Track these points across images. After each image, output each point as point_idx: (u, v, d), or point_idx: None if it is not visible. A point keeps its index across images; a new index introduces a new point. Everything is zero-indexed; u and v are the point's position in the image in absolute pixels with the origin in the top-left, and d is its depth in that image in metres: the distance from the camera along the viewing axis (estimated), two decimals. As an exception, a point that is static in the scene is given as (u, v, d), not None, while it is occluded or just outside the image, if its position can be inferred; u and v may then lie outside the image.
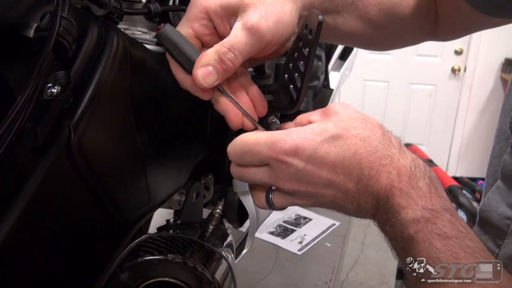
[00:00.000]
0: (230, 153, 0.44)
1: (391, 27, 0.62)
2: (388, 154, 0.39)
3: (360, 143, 0.39)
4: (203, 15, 0.45)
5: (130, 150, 0.46)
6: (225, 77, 0.44)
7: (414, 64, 3.58)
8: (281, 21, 0.44)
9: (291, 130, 0.41)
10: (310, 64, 0.44)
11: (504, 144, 0.43)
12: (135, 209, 0.49)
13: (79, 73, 0.37)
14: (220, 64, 0.43)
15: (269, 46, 0.45)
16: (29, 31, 0.34)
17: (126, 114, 0.44)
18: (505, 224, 0.41)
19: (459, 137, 3.69)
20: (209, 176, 0.74)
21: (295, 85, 0.47)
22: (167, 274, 0.41)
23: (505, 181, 0.42)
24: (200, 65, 0.43)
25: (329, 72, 1.15)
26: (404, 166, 0.39)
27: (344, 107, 0.43)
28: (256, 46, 0.44)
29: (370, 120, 0.42)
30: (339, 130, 0.40)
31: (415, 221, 0.36)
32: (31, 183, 0.34)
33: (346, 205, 0.41)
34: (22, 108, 0.32)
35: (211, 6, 0.44)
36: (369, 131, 0.40)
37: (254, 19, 0.43)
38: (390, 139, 0.41)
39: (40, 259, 0.38)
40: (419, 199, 0.37)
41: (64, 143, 0.36)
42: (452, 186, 1.43)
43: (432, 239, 0.35)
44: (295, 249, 1.43)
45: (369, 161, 0.39)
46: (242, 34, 0.43)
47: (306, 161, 0.40)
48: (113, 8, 0.45)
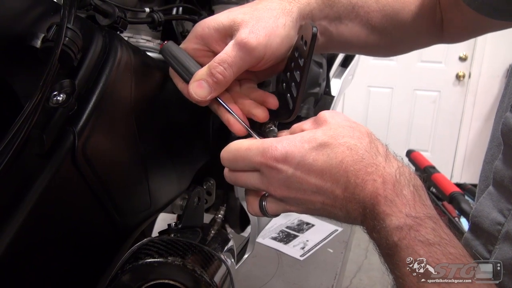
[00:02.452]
0: (223, 158, 0.46)
1: (395, 33, 0.63)
2: (374, 162, 0.40)
3: (347, 151, 0.40)
4: (197, 40, 0.49)
5: (132, 156, 0.48)
6: (218, 89, 0.47)
7: (418, 70, 3.58)
8: (274, 34, 0.46)
9: (282, 138, 0.42)
10: (305, 75, 0.45)
11: (496, 150, 0.44)
12: (137, 213, 0.50)
13: (83, 81, 0.38)
14: (211, 77, 0.46)
15: (265, 58, 0.47)
16: (36, 41, 0.36)
17: (129, 121, 0.46)
18: (496, 229, 0.42)
19: (464, 144, 3.68)
20: (211, 182, 0.75)
21: (292, 95, 0.48)
22: (166, 276, 0.42)
23: (496, 187, 0.43)
24: (193, 80, 0.47)
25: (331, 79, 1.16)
26: (390, 174, 0.39)
27: (334, 115, 0.44)
28: (248, 59, 0.46)
29: (359, 128, 0.42)
30: (327, 139, 0.41)
31: (399, 228, 0.37)
32: (36, 187, 0.35)
33: (335, 212, 0.42)
34: (29, 115, 0.33)
35: (205, 31, 0.48)
36: (357, 140, 0.41)
37: (244, 34, 0.45)
38: (376, 148, 0.41)
39: (45, 261, 0.39)
40: (403, 207, 0.38)
41: (68, 149, 0.37)
42: (455, 192, 1.43)
43: (415, 246, 0.36)
44: (298, 255, 1.44)
45: (355, 169, 0.40)
46: (232, 49, 0.45)
47: (295, 168, 0.41)
48: (118, 18, 0.46)
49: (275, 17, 0.47)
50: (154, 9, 0.56)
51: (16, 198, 0.34)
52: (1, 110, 0.39)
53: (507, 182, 0.41)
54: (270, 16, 0.47)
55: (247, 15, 0.47)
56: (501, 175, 0.42)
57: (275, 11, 0.47)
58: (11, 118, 0.33)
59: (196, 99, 0.47)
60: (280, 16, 0.47)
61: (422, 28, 0.65)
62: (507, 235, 0.41)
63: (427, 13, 0.64)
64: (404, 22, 0.62)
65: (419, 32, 0.66)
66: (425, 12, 0.63)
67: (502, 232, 0.41)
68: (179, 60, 0.49)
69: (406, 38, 0.66)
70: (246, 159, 0.43)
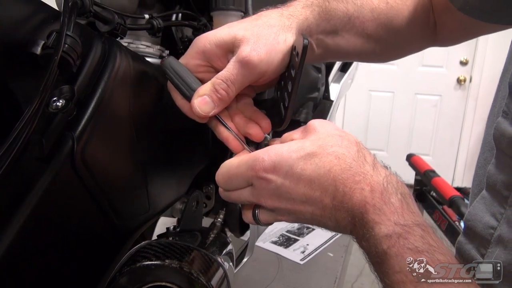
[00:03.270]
0: (218, 180, 0.47)
1: (390, 39, 0.63)
2: (362, 171, 0.40)
3: (335, 160, 0.40)
4: (198, 55, 0.49)
5: (131, 160, 0.48)
6: (221, 105, 0.48)
7: (419, 74, 3.59)
8: (274, 50, 0.47)
9: (270, 148, 0.43)
10: (296, 85, 0.46)
11: (489, 154, 0.44)
12: (136, 216, 0.51)
13: (82, 87, 0.39)
14: (215, 93, 0.47)
15: (266, 74, 0.48)
16: (36, 48, 0.37)
17: (127, 126, 0.46)
18: (488, 233, 0.42)
19: (465, 148, 3.68)
20: (210, 186, 0.76)
21: (284, 104, 0.49)
22: (163, 279, 0.43)
23: (489, 191, 0.43)
24: (197, 95, 0.47)
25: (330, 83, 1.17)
26: (377, 182, 0.40)
27: (323, 124, 0.44)
28: (250, 76, 0.47)
29: (347, 137, 0.43)
30: (315, 148, 0.41)
31: (388, 236, 0.37)
32: (36, 190, 0.36)
33: (325, 221, 0.42)
34: (29, 120, 0.34)
35: (206, 47, 0.48)
36: (345, 149, 0.41)
37: (246, 52, 0.46)
38: (364, 156, 0.42)
39: (44, 263, 0.40)
40: (392, 215, 0.38)
41: (67, 154, 0.38)
42: (454, 196, 1.43)
43: (404, 253, 0.36)
44: (298, 259, 1.44)
45: (343, 178, 0.40)
46: (235, 66, 0.46)
47: (283, 177, 0.41)
48: (117, 25, 0.47)
49: (275, 34, 0.48)
50: (154, 16, 0.57)
51: (16, 200, 0.35)
52: (2, 115, 0.40)
53: (500, 186, 0.41)
54: (270, 33, 0.47)
55: (248, 31, 0.47)
56: (493, 179, 0.43)
57: (275, 27, 0.48)
58: (12, 123, 0.34)
59: (200, 114, 0.47)
60: (280, 33, 0.48)
61: (416, 33, 0.66)
62: (499, 238, 0.41)
63: (421, 18, 0.65)
64: (398, 28, 0.63)
65: (413, 37, 0.67)
66: (419, 17, 0.64)
67: (495, 235, 0.41)
68: (180, 76, 0.49)
69: (401, 43, 0.67)
70: (238, 175, 0.44)
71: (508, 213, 0.40)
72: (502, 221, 0.41)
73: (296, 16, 0.51)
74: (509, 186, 0.40)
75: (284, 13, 0.51)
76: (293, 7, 0.53)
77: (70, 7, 0.39)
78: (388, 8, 0.62)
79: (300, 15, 0.52)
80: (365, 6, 0.60)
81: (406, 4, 0.63)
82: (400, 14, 0.63)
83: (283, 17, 0.50)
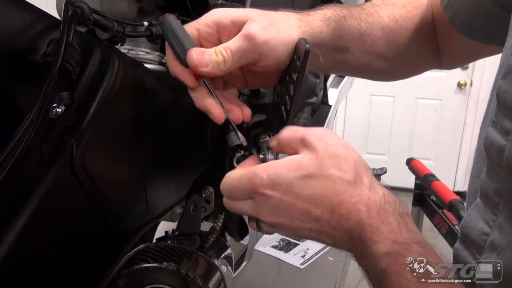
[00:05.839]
0: (221, 191, 0.47)
1: (395, 58, 0.64)
2: (358, 193, 0.41)
3: (332, 184, 0.41)
4: (213, 25, 0.49)
5: (130, 165, 0.49)
6: (216, 68, 0.47)
7: (420, 78, 3.54)
8: (283, 41, 0.48)
9: (268, 165, 0.43)
10: (298, 89, 0.46)
11: (482, 164, 0.45)
12: (135, 219, 0.51)
13: (82, 93, 0.40)
14: (216, 53, 0.46)
15: (266, 60, 0.48)
16: (36, 56, 0.38)
17: (126, 131, 0.47)
18: (482, 239, 0.43)
19: (467, 152, 3.67)
20: (209, 190, 0.77)
21: (286, 107, 0.50)
22: (161, 281, 0.44)
23: (482, 199, 0.44)
24: (197, 50, 0.47)
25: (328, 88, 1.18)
26: (374, 202, 0.40)
27: (322, 138, 0.43)
28: (250, 54, 0.47)
29: (346, 157, 0.42)
30: (313, 169, 0.41)
31: (386, 254, 0.38)
32: (36, 194, 0.36)
33: (323, 239, 0.43)
34: (29, 126, 0.35)
35: (222, 20, 0.48)
36: (342, 172, 0.41)
37: (253, 29, 0.46)
38: (361, 179, 0.42)
39: (44, 265, 0.40)
40: (389, 234, 0.39)
41: (67, 158, 0.38)
42: (454, 200, 1.43)
43: (403, 271, 0.37)
44: (298, 263, 1.44)
45: (339, 201, 0.40)
46: (239, 39, 0.47)
47: (282, 194, 0.41)
48: (117, 32, 0.48)
49: (289, 29, 0.49)
50: (153, 23, 0.58)
51: (17, 203, 0.36)
52: (4, 120, 0.41)
53: (491, 194, 0.42)
54: (285, 26, 0.48)
55: (264, 16, 0.48)
56: (485, 187, 0.43)
57: (290, 24, 0.49)
58: (13, 128, 0.35)
59: (194, 62, 0.46)
60: (294, 30, 0.49)
61: (421, 53, 0.67)
62: (492, 244, 0.42)
63: (425, 39, 0.66)
64: (404, 48, 0.64)
65: (417, 57, 0.68)
66: (423, 38, 0.65)
67: (488, 242, 0.42)
68: (178, 36, 0.48)
69: (406, 63, 0.68)
70: (239, 188, 0.44)
71: (499, 220, 0.41)
72: (495, 227, 0.42)
73: (312, 26, 0.52)
74: (499, 193, 0.41)
75: (303, 19, 0.52)
76: (311, 17, 0.54)
77: (70, 16, 0.40)
78: (397, 27, 0.63)
79: (317, 27, 0.53)
80: (376, 24, 0.61)
81: (413, 23, 0.64)
82: (407, 33, 0.64)
83: (301, 22, 0.51)
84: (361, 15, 0.60)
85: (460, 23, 0.60)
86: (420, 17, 0.65)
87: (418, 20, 0.65)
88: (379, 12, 0.62)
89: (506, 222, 0.40)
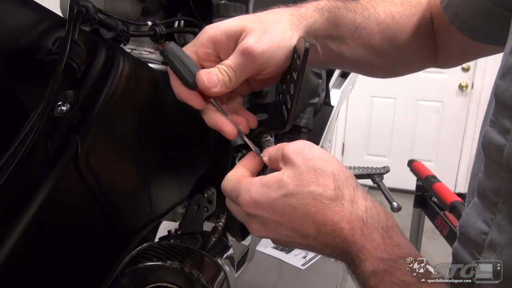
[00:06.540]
0: (223, 191, 0.48)
1: (393, 55, 0.65)
2: (340, 210, 0.40)
3: (312, 202, 0.40)
4: (209, 44, 0.49)
5: (133, 164, 0.49)
6: (223, 87, 0.47)
7: (421, 80, 3.59)
8: (278, 46, 0.48)
9: (250, 185, 0.43)
10: (298, 88, 0.47)
11: (482, 163, 0.45)
12: (137, 218, 0.52)
13: (87, 92, 0.40)
14: (222, 73, 0.47)
15: (268, 67, 0.49)
16: (41, 54, 0.38)
17: (130, 130, 0.47)
18: (481, 239, 0.43)
19: (468, 153, 3.67)
20: (212, 190, 0.77)
21: (287, 106, 0.50)
22: (164, 279, 0.44)
23: (480, 198, 0.44)
24: (205, 71, 0.47)
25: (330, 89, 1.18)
26: (357, 218, 0.40)
27: (299, 153, 0.43)
28: (250, 67, 0.48)
29: (324, 170, 0.42)
30: (292, 187, 0.41)
31: (374, 273, 0.38)
32: (41, 192, 0.37)
33: (316, 252, 0.43)
34: (34, 124, 0.35)
35: (217, 36, 0.48)
36: (321, 188, 0.41)
37: (249, 43, 0.47)
38: (342, 192, 0.41)
39: (48, 263, 0.41)
40: (374, 251, 0.38)
41: (71, 156, 0.39)
42: (455, 202, 1.43)
43: None
44: (299, 264, 1.44)
45: (321, 220, 0.40)
46: (237, 56, 0.47)
47: (267, 213, 0.42)
48: (121, 31, 0.48)
49: (282, 30, 0.49)
50: (156, 23, 0.58)
51: (21, 201, 0.36)
52: (9, 119, 0.41)
53: (489, 193, 0.42)
54: (277, 29, 0.49)
55: (257, 24, 0.48)
56: (483, 186, 0.43)
57: (283, 25, 0.49)
58: (18, 126, 0.35)
59: (205, 84, 0.46)
60: (287, 30, 0.49)
61: (418, 51, 0.67)
62: (491, 243, 0.41)
63: (423, 37, 0.66)
64: (402, 44, 0.64)
65: (415, 55, 0.68)
66: (421, 35, 0.65)
67: (487, 241, 0.42)
68: (180, 59, 0.49)
69: (403, 60, 0.68)
70: (231, 196, 0.45)
71: (498, 218, 0.41)
72: (493, 226, 0.41)
73: (305, 18, 0.52)
74: (498, 192, 0.41)
75: (295, 13, 0.52)
76: (304, 8, 0.54)
77: (75, 15, 0.40)
78: (394, 23, 0.63)
79: (310, 17, 0.53)
80: (372, 19, 0.61)
81: (412, 21, 0.65)
82: (404, 30, 0.64)
83: (293, 16, 0.51)
84: (356, 8, 0.60)
85: (460, 22, 0.60)
86: (419, 16, 0.65)
87: (417, 19, 0.65)
88: (375, 7, 0.62)
89: (504, 220, 0.40)
